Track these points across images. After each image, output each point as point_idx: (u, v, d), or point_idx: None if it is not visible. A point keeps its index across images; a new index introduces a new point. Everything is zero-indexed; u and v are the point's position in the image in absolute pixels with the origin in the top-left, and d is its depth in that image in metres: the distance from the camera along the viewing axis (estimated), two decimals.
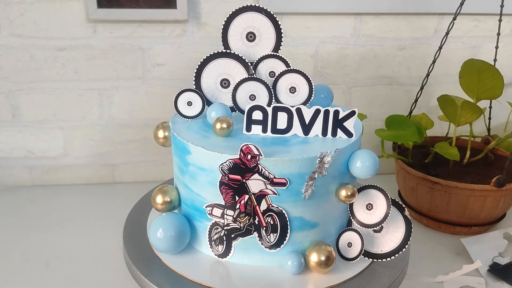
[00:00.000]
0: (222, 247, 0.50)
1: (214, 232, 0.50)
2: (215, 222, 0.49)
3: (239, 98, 0.54)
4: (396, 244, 0.51)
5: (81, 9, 0.79)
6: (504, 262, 0.67)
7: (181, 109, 0.55)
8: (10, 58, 0.81)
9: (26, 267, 0.65)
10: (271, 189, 0.46)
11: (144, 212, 0.61)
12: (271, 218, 0.48)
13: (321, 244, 0.48)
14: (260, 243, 0.49)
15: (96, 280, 0.63)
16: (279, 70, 0.54)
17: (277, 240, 0.49)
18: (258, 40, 0.54)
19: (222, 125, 0.49)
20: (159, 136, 0.57)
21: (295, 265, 0.48)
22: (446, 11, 0.86)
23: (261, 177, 0.46)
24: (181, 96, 0.54)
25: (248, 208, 0.48)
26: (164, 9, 0.80)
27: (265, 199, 0.47)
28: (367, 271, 0.50)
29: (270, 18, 0.53)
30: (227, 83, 0.55)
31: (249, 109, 0.50)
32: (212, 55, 0.53)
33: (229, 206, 0.48)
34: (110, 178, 0.93)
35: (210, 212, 0.49)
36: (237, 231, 0.49)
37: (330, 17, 0.86)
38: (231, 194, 0.47)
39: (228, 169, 0.46)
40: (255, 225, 0.48)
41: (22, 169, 0.90)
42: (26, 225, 0.76)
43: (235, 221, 0.48)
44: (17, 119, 0.86)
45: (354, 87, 0.93)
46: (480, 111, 0.72)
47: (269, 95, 0.53)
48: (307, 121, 0.50)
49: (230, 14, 0.53)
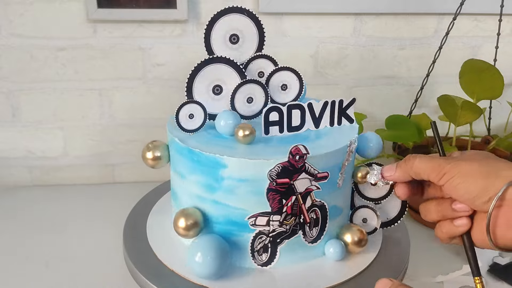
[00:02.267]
0: (266, 255, 0.49)
1: (258, 242, 0.48)
2: (259, 231, 0.48)
3: (237, 102, 0.53)
4: (398, 209, 0.56)
5: (81, 9, 0.79)
6: (504, 262, 0.67)
7: (183, 123, 0.50)
8: (10, 58, 0.81)
9: (26, 267, 0.65)
10: (316, 185, 0.48)
11: (144, 212, 0.61)
12: (314, 213, 0.49)
13: (350, 226, 0.52)
14: (304, 239, 0.50)
15: (96, 280, 0.63)
16: (268, 69, 0.54)
17: (319, 233, 0.50)
18: (241, 42, 0.53)
19: (245, 132, 0.47)
20: (147, 157, 0.53)
21: (337, 251, 0.51)
22: (446, 11, 0.86)
23: (308, 175, 0.46)
24: (182, 110, 0.50)
25: (295, 208, 0.47)
26: (164, 9, 0.80)
27: (310, 196, 0.48)
28: (366, 271, 0.51)
29: (252, 19, 0.52)
30: (219, 90, 0.52)
31: (266, 111, 0.49)
32: (202, 62, 0.51)
33: (275, 211, 0.47)
34: (110, 178, 0.93)
35: (253, 222, 0.47)
36: (283, 235, 0.48)
37: (330, 17, 0.86)
38: (278, 198, 0.46)
39: (276, 174, 0.45)
40: (300, 223, 0.49)
41: (22, 169, 0.90)
42: (26, 225, 0.76)
43: (282, 224, 0.48)
44: (17, 119, 0.86)
45: (354, 87, 0.93)
46: (480, 111, 0.72)
47: (265, 95, 0.53)
48: (317, 115, 0.52)
49: (212, 18, 0.51)
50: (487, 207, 0.39)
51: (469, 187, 0.40)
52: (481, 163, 0.41)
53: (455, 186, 0.41)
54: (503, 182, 0.38)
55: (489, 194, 0.39)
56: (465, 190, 0.40)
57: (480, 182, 0.40)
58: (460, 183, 0.41)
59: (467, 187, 0.40)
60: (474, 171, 0.40)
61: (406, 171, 0.45)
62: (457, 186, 0.41)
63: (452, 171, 0.41)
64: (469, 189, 0.40)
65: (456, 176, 0.41)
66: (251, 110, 0.53)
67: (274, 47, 0.86)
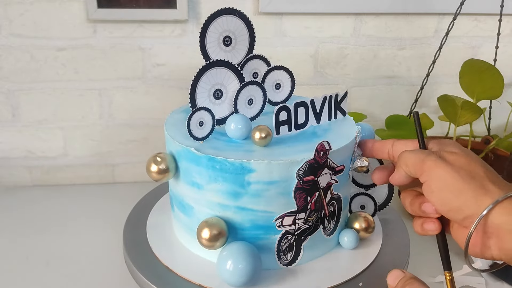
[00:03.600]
0: (291, 254, 0.49)
1: (284, 242, 0.48)
2: (286, 231, 0.48)
3: (240, 105, 0.52)
4: (385, 194, 0.60)
5: (81, 9, 0.79)
6: None
7: (194, 132, 0.48)
8: (10, 58, 0.81)
9: (26, 267, 0.65)
10: (334, 179, 0.49)
11: (144, 212, 0.61)
12: (332, 206, 0.50)
13: (356, 214, 0.55)
14: (324, 233, 0.51)
15: (96, 280, 0.63)
16: (261, 69, 0.55)
17: (335, 224, 0.52)
18: (234, 44, 0.53)
19: (261, 134, 0.47)
20: (152, 170, 0.49)
21: (351, 240, 0.53)
22: (446, 11, 0.86)
23: (329, 170, 0.48)
24: (192, 118, 0.47)
25: (317, 204, 0.48)
26: (164, 9, 0.80)
27: (330, 190, 0.49)
28: (366, 271, 0.51)
29: (243, 20, 0.52)
30: (219, 94, 0.52)
31: (277, 111, 0.49)
32: (202, 68, 0.49)
33: (301, 210, 0.47)
34: (110, 178, 0.93)
35: (280, 223, 0.47)
36: (307, 231, 0.49)
37: (330, 17, 0.86)
38: (304, 196, 0.47)
39: (303, 172, 0.46)
40: (320, 218, 0.50)
41: (22, 169, 0.90)
42: (26, 225, 0.76)
43: (306, 221, 0.48)
44: (17, 119, 0.86)
45: (354, 87, 0.93)
46: (480, 111, 0.72)
47: (263, 96, 0.54)
48: (318, 110, 0.53)
49: (206, 21, 0.50)
50: (464, 223, 0.37)
51: (443, 199, 0.37)
52: (462, 172, 0.37)
53: (430, 192, 0.38)
54: (487, 201, 0.35)
55: (464, 213, 0.36)
56: (440, 201, 0.38)
57: (455, 198, 0.36)
58: (435, 191, 0.38)
59: (441, 198, 0.37)
60: (452, 182, 0.37)
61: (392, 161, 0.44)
62: (432, 194, 0.38)
63: (429, 172, 0.38)
64: (444, 201, 0.37)
65: (432, 181, 0.38)
66: (251, 112, 0.54)
67: (274, 47, 0.86)
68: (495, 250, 0.37)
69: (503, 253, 0.36)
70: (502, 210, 0.35)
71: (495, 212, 0.35)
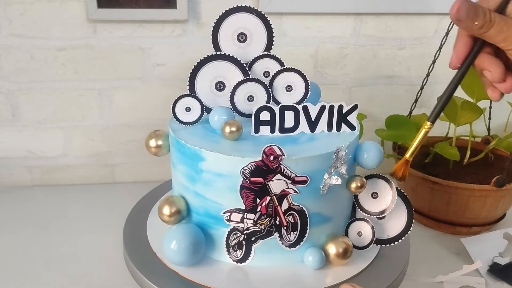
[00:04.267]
0: (241, 252, 0.49)
1: (233, 237, 0.49)
2: (234, 227, 0.48)
3: (237, 100, 0.53)
4: (400, 228, 0.53)
5: (81, 9, 0.79)
6: (504, 262, 0.67)
7: (179, 115, 0.53)
8: (10, 58, 0.81)
9: (26, 267, 0.65)
10: (293, 188, 0.47)
11: (144, 212, 0.61)
12: (292, 217, 0.48)
13: (337, 237, 0.50)
14: (281, 242, 0.49)
15: (96, 280, 0.63)
16: (273, 69, 0.54)
17: (297, 238, 0.49)
18: (249, 41, 0.53)
19: (232, 128, 0.48)
20: (151, 145, 0.55)
21: (316, 260, 0.49)
22: (446, 11, 0.85)
23: (283, 177, 0.46)
24: (179, 102, 0.53)
25: (270, 209, 0.47)
26: (164, 9, 0.80)
27: (287, 199, 0.47)
28: (366, 271, 0.51)
29: (261, 18, 0.53)
30: (222, 86, 0.54)
31: (257, 110, 0.49)
32: (205, 58, 0.52)
33: (249, 210, 0.47)
34: (110, 178, 0.93)
35: (228, 218, 0.48)
36: (258, 234, 0.48)
37: (330, 17, 0.86)
38: (252, 197, 0.46)
39: (250, 172, 0.45)
40: (276, 225, 0.48)
41: (22, 169, 0.90)
42: (26, 225, 0.76)
43: (256, 224, 0.48)
44: (17, 119, 0.86)
45: (354, 87, 0.93)
46: (480, 111, 0.72)
47: (267, 95, 0.53)
48: (313, 118, 0.51)
49: (220, 16, 0.52)
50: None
51: None
52: None
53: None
54: None
55: None
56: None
57: None
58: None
59: None
60: None
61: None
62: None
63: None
64: None
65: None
66: (251, 109, 0.53)
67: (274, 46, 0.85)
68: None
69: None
70: None
71: None
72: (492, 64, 0.40)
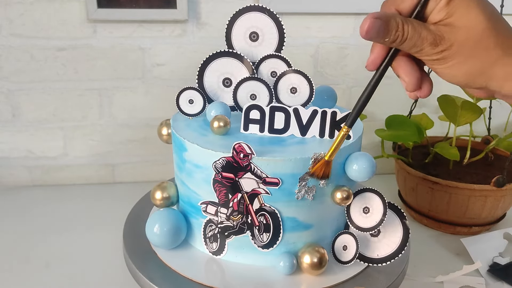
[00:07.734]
0: (216, 244, 0.50)
1: (209, 229, 0.50)
2: (210, 219, 0.49)
3: (240, 97, 0.54)
4: (393, 249, 0.49)
5: (81, 9, 0.79)
6: (504, 262, 0.67)
7: (183, 107, 0.55)
8: (10, 58, 0.81)
9: (26, 267, 0.65)
10: (264, 189, 0.46)
11: (144, 212, 0.61)
12: (264, 218, 0.48)
13: (314, 246, 0.48)
14: (253, 242, 0.49)
15: (96, 280, 0.63)
16: (280, 70, 0.54)
17: (270, 240, 0.48)
18: (261, 40, 0.54)
19: (220, 123, 0.49)
20: (162, 133, 0.58)
21: (287, 266, 0.47)
22: None
23: (254, 176, 0.46)
24: (183, 94, 0.55)
25: (241, 206, 0.48)
26: (164, 9, 0.80)
27: (258, 198, 0.47)
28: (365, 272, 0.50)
29: (273, 19, 0.53)
30: (229, 82, 0.55)
31: (247, 108, 0.50)
32: (214, 54, 0.54)
33: (222, 204, 0.48)
34: (110, 178, 0.93)
35: (204, 209, 0.49)
36: (230, 229, 0.49)
37: (330, 17, 0.86)
38: (224, 192, 0.47)
39: (221, 167, 0.46)
40: (248, 224, 0.48)
41: (22, 169, 0.90)
42: (26, 225, 0.76)
43: (228, 219, 0.48)
44: (17, 119, 0.86)
45: (354, 87, 0.93)
46: (480, 111, 0.72)
47: (269, 95, 0.53)
48: (305, 122, 0.50)
49: (234, 14, 0.53)
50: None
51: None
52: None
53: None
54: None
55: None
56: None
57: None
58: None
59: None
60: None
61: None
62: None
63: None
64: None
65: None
66: None
67: None
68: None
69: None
70: None
71: None
72: (407, 73, 0.40)
